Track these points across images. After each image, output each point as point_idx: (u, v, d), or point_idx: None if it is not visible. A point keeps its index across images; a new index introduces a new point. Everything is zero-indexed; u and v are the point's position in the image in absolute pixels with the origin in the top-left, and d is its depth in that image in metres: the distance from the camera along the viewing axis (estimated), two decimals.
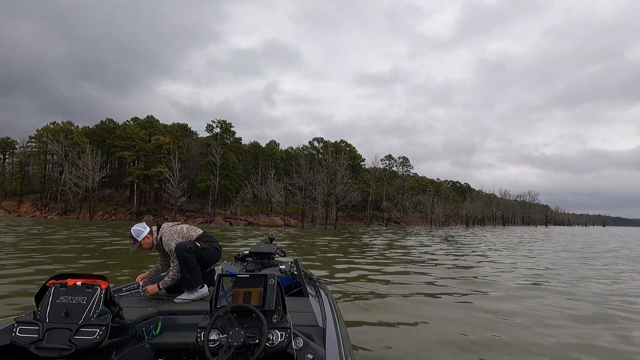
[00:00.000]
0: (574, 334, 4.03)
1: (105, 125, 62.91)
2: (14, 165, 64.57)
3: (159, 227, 3.08)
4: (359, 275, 7.70)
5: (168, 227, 3.05)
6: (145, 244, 2.98)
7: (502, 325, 4.29)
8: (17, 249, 11.03)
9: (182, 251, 2.83)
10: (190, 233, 3.06)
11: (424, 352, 3.41)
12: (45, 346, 1.71)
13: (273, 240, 4.63)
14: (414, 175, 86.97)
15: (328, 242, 17.18)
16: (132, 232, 2.95)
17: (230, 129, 62.57)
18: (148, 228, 3.03)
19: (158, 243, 3.02)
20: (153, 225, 3.15)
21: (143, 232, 2.97)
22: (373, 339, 3.61)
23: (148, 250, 3.06)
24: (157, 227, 3.08)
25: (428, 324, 4.27)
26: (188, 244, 2.88)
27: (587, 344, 3.73)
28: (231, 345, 1.68)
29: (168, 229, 3.03)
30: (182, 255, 2.82)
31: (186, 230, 3.08)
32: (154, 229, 3.08)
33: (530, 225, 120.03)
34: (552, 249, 16.73)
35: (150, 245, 3.01)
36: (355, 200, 44.86)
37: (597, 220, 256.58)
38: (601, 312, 5.03)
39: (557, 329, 4.19)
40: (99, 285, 1.92)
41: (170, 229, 3.02)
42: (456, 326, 4.16)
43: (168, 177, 46.83)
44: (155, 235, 3.01)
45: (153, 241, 3.01)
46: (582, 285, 7.18)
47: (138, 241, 2.94)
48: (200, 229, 3.19)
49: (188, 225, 3.17)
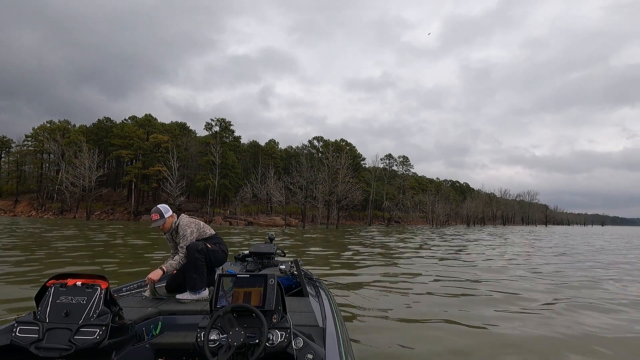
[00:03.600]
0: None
1: (102, 124, 62.59)
2: (10, 165, 64.16)
3: (178, 215, 3.23)
4: (360, 275, 7.71)
5: (186, 218, 3.20)
6: (167, 223, 3.11)
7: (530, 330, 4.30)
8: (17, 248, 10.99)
9: (194, 251, 2.89)
10: (205, 230, 3.20)
11: (425, 352, 3.41)
12: (45, 346, 1.71)
13: (273, 240, 4.63)
14: (413, 175, 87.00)
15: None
16: (160, 207, 3.09)
17: (230, 127, 62.37)
18: (171, 210, 3.18)
19: (175, 228, 3.15)
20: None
21: (169, 211, 3.13)
22: (373, 339, 3.62)
23: (164, 231, 3.16)
24: (176, 215, 3.23)
25: (428, 323, 4.28)
26: (200, 244, 2.95)
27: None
28: (231, 345, 1.69)
29: (186, 219, 3.18)
30: (192, 254, 2.87)
31: (202, 225, 3.22)
32: (174, 214, 3.20)
33: (530, 224, 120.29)
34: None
35: (170, 226, 3.13)
36: (357, 199, 44.83)
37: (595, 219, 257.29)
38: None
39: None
40: (99, 285, 1.92)
41: (189, 220, 3.18)
42: (456, 326, 4.18)
43: (166, 176, 46.70)
44: (175, 220, 3.15)
45: (173, 223, 3.14)
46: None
47: (164, 218, 3.06)
48: (213, 230, 3.29)
49: (204, 223, 3.31)
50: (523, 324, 4.29)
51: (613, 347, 3.60)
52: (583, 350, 3.53)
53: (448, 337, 3.79)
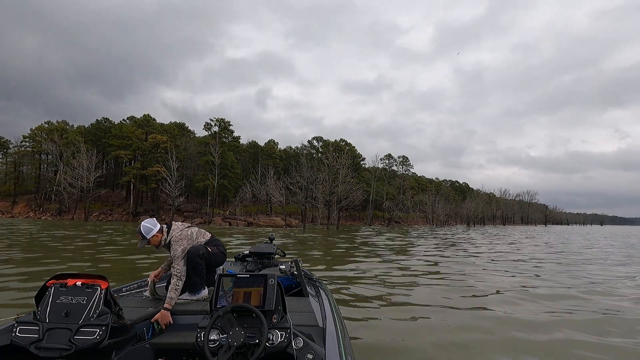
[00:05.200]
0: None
1: (100, 124, 62.39)
2: (8, 166, 63.89)
3: (169, 228, 3.01)
4: (361, 275, 7.71)
5: (178, 230, 2.98)
6: (154, 242, 2.92)
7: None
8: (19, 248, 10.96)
9: (194, 256, 2.85)
10: (199, 239, 3.03)
11: (425, 352, 3.42)
12: (45, 346, 1.71)
13: (273, 240, 4.63)
14: (412, 175, 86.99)
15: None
16: (141, 228, 2.88)
17: (229, 127, 62.27)
18: (158, 226, 2.95)
19: (167, 244, 2.96)
20: (163, 224, 3.06)
21: (153, 230, 2.90)
22: (373, 339, 3.62)
23: (156, 246, 2.99)
24: (168, 227, 3.01)
25: (428, 324, 4.28)
26: (201, 249, 2.91)
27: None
28: (231, 345, 1.69)
29: (178, 232, 2.97)
30: (193, 259, 2.85)
31: (195, 235, 3.04)
32: (164, 228, 2.99)
33: (530, 224, 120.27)
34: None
35: (159, 243, 2.94)
36: (358, 199, 44.72)
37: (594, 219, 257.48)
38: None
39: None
40: (99, 285, 1.92)
41: (180, 233, 2.96)
42: (458, 325, 4.18)
43: (165, 177, 46.56)
44: (164, 237, 2.95)
45: (162, 240, 2.94)
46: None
47: (146, 239, 2.88)
48: (209, 233, 3.20)
49: (198, 229, 3.12)
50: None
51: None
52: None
53: (448, 336, 3.79)
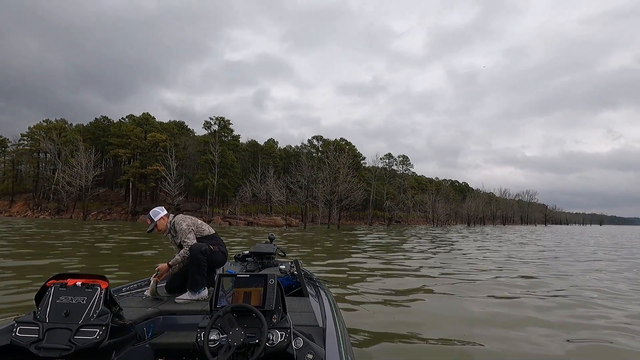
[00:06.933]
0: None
1: (99, 123, 62.24)
2: (6, 164, 63.72)
3: (174, 215, 3.28)
4: (361, 275, 7.72)
5: (181, 214, 3.28)
6: (161, 225, 3.16)
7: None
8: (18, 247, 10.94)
9: (197, 252, 2.90)
10: (202, 226, 3.24)
11: (425, 352, 3.42)
12: (45, 346, 1.71)
13: (273, 240, 4.64)
14: (412, 175, 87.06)
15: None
16: (151, 212, 3.20)
17: (228, 126, 62.16)
18: (165, 211, 3.24)
19: (171, 227, 3.18)
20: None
21: (160, 213, 3.19)
22: (373, 339, 3.63)
23: (162, 233, 3.21)
24: (173, 214, 3.29)
25: (429, 324, 4.29)
26: (203, 245, 2.98)
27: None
28: (231, 345, 1.69)
29: (181, 215, 3.26)
30: (196, 255, 2.89)
31: (200, 221, 3.26)
32: (170, 214, 3.27)
33: (530, 224, 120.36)
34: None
35: (165, 227, 3.18)
36: (359, 199, 44.70)
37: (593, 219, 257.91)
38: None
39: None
40: (99, 285, 1.92)
41: (183, 215, 3.26)
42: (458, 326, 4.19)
43: (164, 176, 46.54)
44: (170, 220, 3.19)
45: (167, 224, 3.18)
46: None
47: (154, 221, 3.13)
48: (213, 229, 3.31)
49: (201, 220, 3.34)
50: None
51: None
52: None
53: (448, 336, 3.80)
